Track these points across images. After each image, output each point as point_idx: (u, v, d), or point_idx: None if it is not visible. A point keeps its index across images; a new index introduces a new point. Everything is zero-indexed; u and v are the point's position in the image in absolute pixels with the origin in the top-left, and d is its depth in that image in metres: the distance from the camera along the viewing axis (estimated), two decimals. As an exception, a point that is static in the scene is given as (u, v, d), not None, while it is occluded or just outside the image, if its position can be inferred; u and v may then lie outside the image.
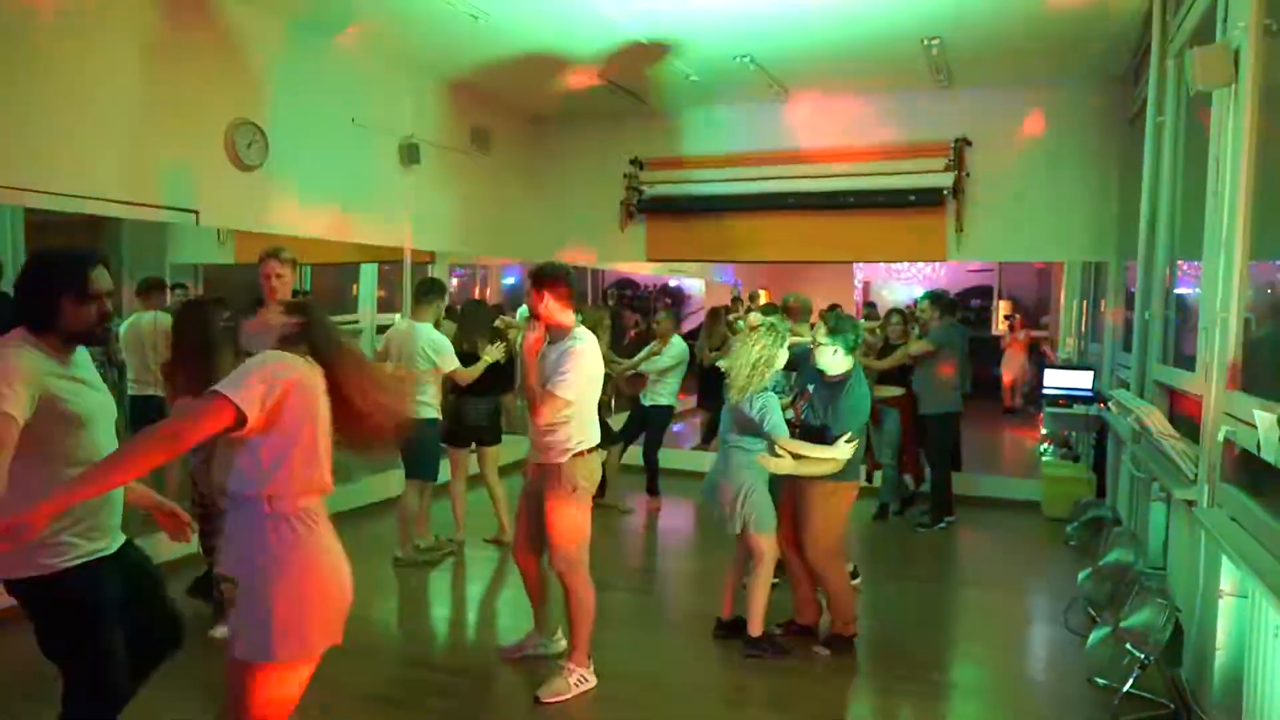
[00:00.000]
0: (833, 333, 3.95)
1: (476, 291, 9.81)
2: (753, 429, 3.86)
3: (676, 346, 6.67)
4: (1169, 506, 4.61)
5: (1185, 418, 4.18)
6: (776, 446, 3.75)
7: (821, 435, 3.90)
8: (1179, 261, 4.77)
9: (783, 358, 3.95)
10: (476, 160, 7.68)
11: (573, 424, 3.53)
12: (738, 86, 7.13)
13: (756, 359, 3.84)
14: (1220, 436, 3.07)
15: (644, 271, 11.89)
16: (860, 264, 13.50)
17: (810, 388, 4.06)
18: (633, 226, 8.26)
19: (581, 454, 3.57)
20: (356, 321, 8.60)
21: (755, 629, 3.98)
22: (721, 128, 7.85)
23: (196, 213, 5.21)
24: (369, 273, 7.63)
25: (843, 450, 3.79)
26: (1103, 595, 4.45)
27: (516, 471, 6.36)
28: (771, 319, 4.10)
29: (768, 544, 3.97)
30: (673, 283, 13.50)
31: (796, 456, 3.76)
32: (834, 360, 3.98)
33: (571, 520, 3.56)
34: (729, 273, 13.87)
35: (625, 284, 12.60)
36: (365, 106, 6.39)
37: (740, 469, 3.92)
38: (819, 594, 4.22)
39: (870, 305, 13.29)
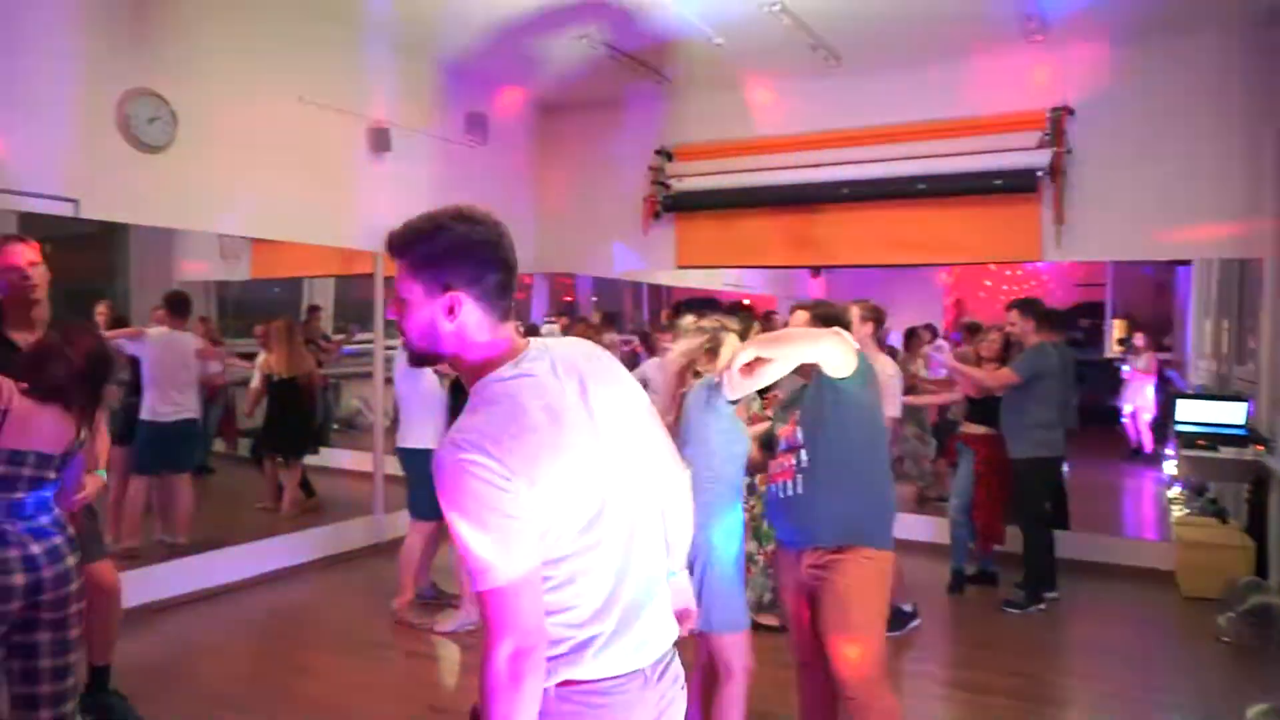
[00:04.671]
0: None
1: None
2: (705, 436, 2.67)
3: None
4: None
5: None
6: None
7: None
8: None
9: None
10: (473, 151, 6.58)
11: None
12: (776, 53, 5.80)
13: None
14: None
15: (716, 288, 10.36)
16: (947, 276, 11.77)
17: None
18: (660, 229, 7.01)
19: None
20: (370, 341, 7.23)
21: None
22: (762, 108, 6.52)
23: (75, 201, 4.23)
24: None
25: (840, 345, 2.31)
26: (1289, 746, 2.92)
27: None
28: (704, 323, 3.06)
29: (737, 650, 2.63)
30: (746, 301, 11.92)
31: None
32: None
33: None
34: (806, 285, 12.25)
35: (695, 302, 11.06)
36: (318, 82, 5.33)
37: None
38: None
39: (974, 325, 11.35)
